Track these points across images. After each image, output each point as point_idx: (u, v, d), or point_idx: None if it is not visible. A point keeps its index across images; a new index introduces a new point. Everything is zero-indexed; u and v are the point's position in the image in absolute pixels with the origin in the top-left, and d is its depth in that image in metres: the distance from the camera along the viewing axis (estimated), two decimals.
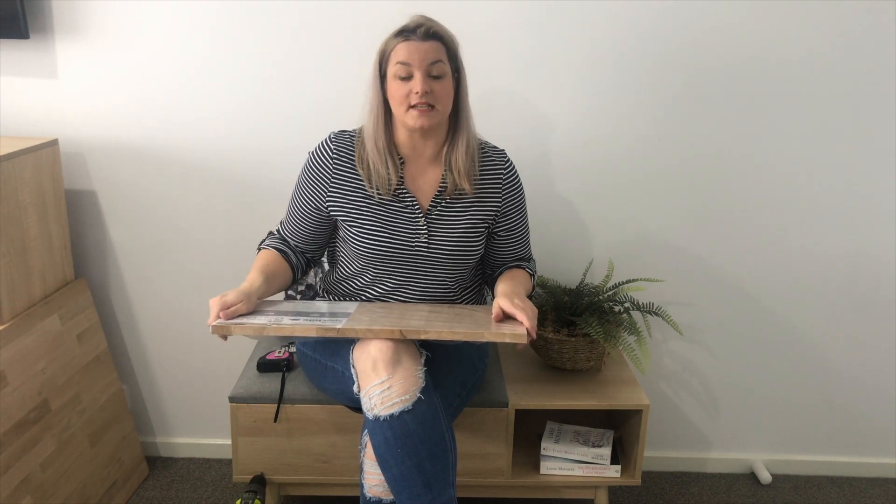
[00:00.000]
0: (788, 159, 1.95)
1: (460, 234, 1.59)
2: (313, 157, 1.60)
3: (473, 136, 1.58)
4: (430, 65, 1.46)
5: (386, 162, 1.54)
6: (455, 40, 1.51)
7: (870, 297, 2.06)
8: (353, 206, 1.57)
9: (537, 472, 1.81)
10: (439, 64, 1.46)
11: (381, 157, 1.54)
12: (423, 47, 1.45)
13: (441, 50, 1.47)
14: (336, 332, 1.41)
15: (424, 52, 1.45)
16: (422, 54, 1.45)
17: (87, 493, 1.86)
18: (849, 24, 1.83)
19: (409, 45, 1.45)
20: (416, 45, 1.45)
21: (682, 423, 2.19)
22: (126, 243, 2.03)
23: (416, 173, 1.59)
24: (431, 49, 1.46)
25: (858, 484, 2.19)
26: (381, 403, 1.39)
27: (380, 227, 1.56)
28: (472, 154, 1.57)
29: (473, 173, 1.58)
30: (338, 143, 1.59)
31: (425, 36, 1.46)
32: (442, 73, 1.47)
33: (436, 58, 1.46)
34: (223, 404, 2.17)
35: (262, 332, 1.41)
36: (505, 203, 1.63)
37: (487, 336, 1.41)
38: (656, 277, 2.04)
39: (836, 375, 2.14)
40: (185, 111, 1.92)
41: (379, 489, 1.46)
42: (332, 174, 1.58)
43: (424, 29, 1.46)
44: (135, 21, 1.85)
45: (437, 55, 1.46)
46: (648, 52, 1.86)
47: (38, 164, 1.77)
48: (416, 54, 1.45)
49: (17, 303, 1.72)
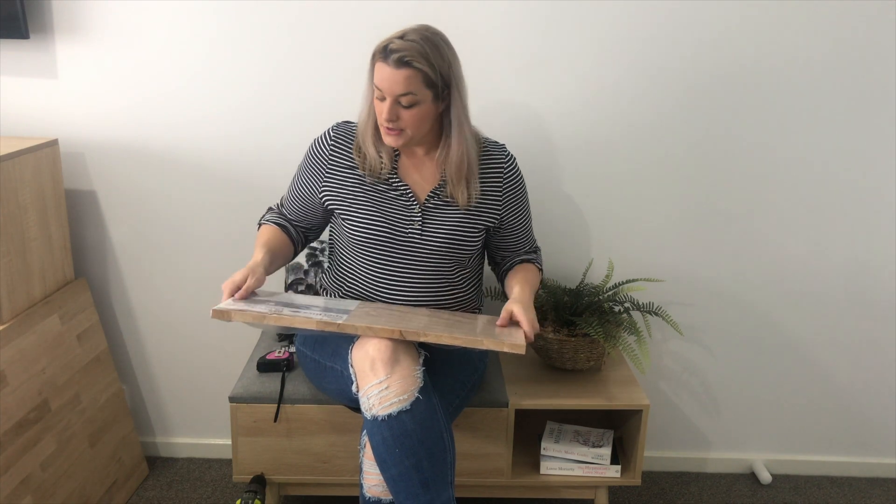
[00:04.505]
0: (789, 160, 1.95)
1: (455, 227, 1.60)
2: (314, 143, 1.66)
3: (468, 148, 1.56)
4: (399, 95, 1.45)
5: (378, 149, 1.57)
6: (437, 63, 1.45)
7: (870, 298, 2.06)
8: (348, 192, 1.60)
9: (537, 472, 1.81)
10: (409, 95, 1.45)
11: (372, 144, 1.57)
12: (395, 77, 1.43)
13: (414, 79, 1.44)
14: (336, 328, 1.41)
15: (394, 82, 1.44)
16: (391, 84, 1.44)
17: (87, 493, 1.86)
18: (851, 25, 1.83)
19: (383, 69, 1.44)
20: (389, 72, 1.43)
21: (682, 423, 2.19)
22: (126, 243, 2.03)
23: (412, 167, 1.61)
24: (402, 79, 1.43)
25: (858, 484, 2.19)
26: (380, 403, 1.39)
27: (374, 212, 1.58)
28: (466, 163, 1.56)
29: (473, 181, 1.59)
30: (338, 133, 1.63)
31: (398, 64, 1.42)
32: (412, 103, 1.46)
33: (405, 90, 1.44)
34: (223, 404, 2.17)
35: (262, 319, 1.40)
36: (506, 197, 1.65)
37: (487, 344, 1.41)
38: (656, 277, 2.04)
39: (836, 375, 2.14)
40: (185, 111, 1.92)
41: (378, 489, 1.46)
42: (329, 160, 1.62)
43: (398, 57, 1.42)
44: (135, 21, 1.85)
45: (408, 86, 1.44)
46: (650, 53, 1.86)
47: (38, 164, 1.77)
48: (387, 82, 1.45)
49: (17, 303, 1.72)
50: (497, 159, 1.64)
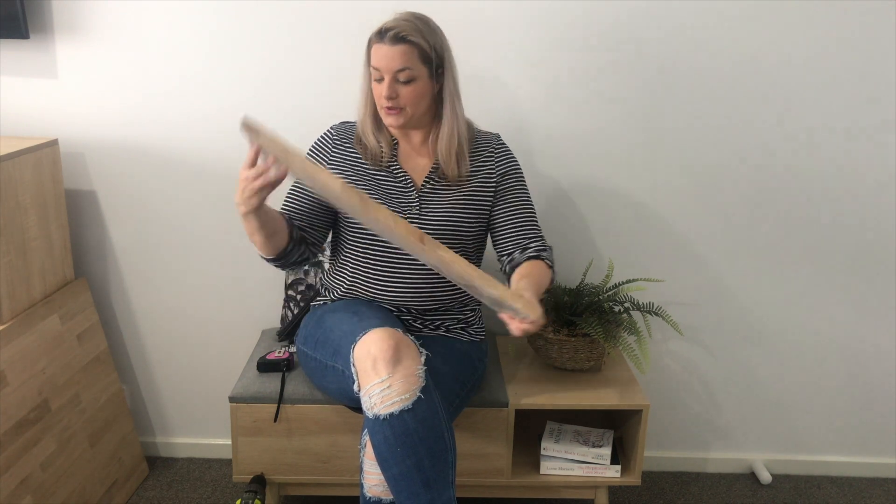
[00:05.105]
0: (789, 160, 1.95)
1: (452, 209, 1.63)
2: (316, 142, 1.70)
3: (459, 125, 1.61)
4: (396, 71, 1.51)
5: (378, 139, 1.62)
6: (431, 40, 1.52)
7: (869, 298, 2.06)
8: (349, 182, 1.63)
9: (537, 472, 1.81)
10: (406, 70, 1.50)
11: (372, 134, 1.62)
12: (391, 53, 1.49)
13: (410, 54, 1.50)
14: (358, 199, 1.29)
15: (391, 59, 1.50)
16: (388, 61, 1.50)
17: (87, 493, 1.86)
18: (851, 25, 1.83)
19: (380, 49, 1.51)
20: (385, 50, 1.50)
21: (682, 423, 2.19)
22: (126, 243, 2.03)
23: (409, 154, 1.66)
24: (399, 55, 1.49)
25: (858, 484, 2.19)
26: (381, 402, 1.39)
27: (373, 197, 1.61)
28: (457, 143, 1.62)
29: (462, 160, 1.63)
30: (338, 130, 1.69)
31: (394, 40, 1.49)
32: (410, 78, 1.52)
33: (402, 65, 1.50)
34: (223, 404, 2.17)
35: (286, 155, 1.27)
36: (499, 172, 1.67)
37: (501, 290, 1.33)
38: (656, 277, 2.04)
39: (836, 375, 2.14)
40: (185, 111, 1.92)
41: (379, 489, 1.46)
42: (331, 154, 1.67)
43: (393, 33, 1.49)
44: (134, 21, 1.85)
45: (405, 61, 1.50)
46: (650, 53, 1.87)
47: (38, 164, 1.77)
48: (384, 60, 1.50)
49: (17, 303, 1.72)
50: (487, 141, 1.70)
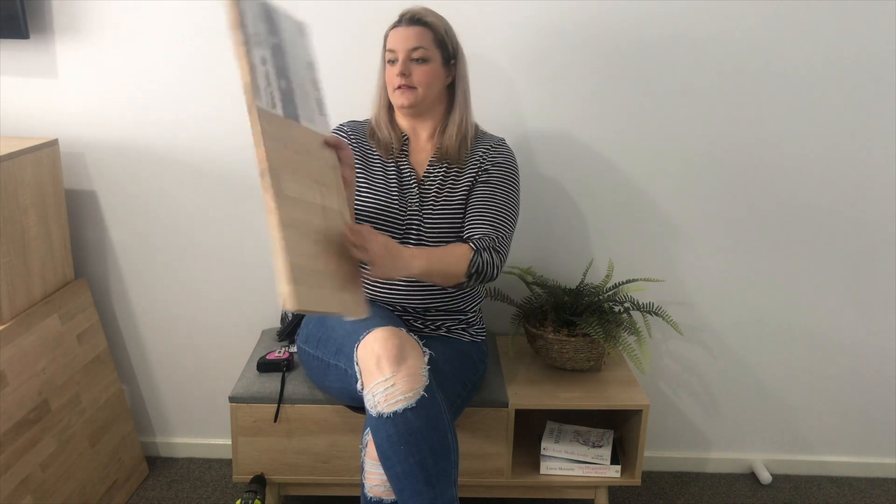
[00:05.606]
0: (789, 159, 1.95)
1: (448, 202, 1.64)
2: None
3: (468, 117, 1.67)
4: (411, 49, 1.57)
5: (388, 131, 1.67)
6: (443, 26, 1.60)
7: (869, 297, 2.06)
8: (358, 173, 1.68)
9: (537, 472, 1.81)
10: (420, 49, 1.57)
11: (385, 126, 1.67)
12: (407, 33, 1.57)
13: (425, 35, 1.58)
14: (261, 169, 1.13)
15: (406, 39, 1.57)
16: (404, 41, 1.57)
17: (87, 493, 1.86)
18: (852, 21, 1.84)
19: (397, 32, 1.59)
20: (402, 31, 1.58)
21: (682, 423, 2.19)
22: (126, 243, 2.03)
23: (416, 150, 1.70)
24: (414, 34, 1.57)
25: (858, 484, 2.19)
26: (385, 401, 1.39)
27: (379, 188, 1.65)
28: (464, 133, 1.66)
29: (464, 149, 1.66)
30: (349, 126, 1.73)
31: (410, 22, 1.58)
32: (424, 58, 1.58)
33: (417, 43, 1.57)
34: (223, 404, 2.17)
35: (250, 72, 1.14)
36: (489, 161, 1.67)
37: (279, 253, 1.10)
38: (656, 277, 2.04)
39: (836, 376, 2.14)
40: (185, 111, 1.92)
41: (380, 489, 1.46)
42: None
43: (410, 15, 1.58)
44: (134, 21, 1.85)
45: (419, 41, 1.57)
46: (651, 53, 1.87)
47: (38, 164, 1.77)
48: (400, 41, 1.58)
49: (17, 303, 1.72)
50: (490, 139, 1.72)
